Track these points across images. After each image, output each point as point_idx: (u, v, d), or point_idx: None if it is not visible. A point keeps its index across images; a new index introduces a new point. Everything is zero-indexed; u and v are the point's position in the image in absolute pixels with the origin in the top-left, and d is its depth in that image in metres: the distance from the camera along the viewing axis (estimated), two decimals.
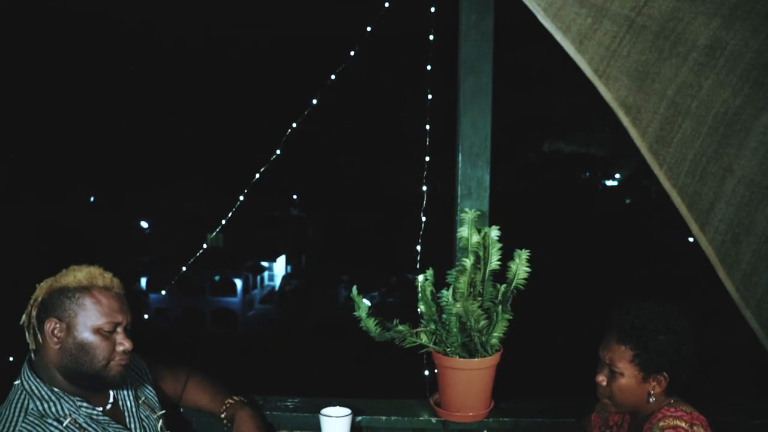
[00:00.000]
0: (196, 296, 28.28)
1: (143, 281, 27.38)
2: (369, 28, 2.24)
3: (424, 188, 2.17)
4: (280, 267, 31.03)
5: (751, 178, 2.32)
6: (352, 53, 2.22)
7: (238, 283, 28.87)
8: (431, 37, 2.25)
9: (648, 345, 1.54)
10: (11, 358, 1.84)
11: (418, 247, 2.15)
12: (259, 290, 30.22)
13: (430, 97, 2.23)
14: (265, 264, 30.56)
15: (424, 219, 2.18)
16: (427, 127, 2.23)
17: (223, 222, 2.25)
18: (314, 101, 2.20)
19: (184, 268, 2.27)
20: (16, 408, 1.52)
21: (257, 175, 2.17)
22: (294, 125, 2.18)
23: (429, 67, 2.24)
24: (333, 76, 2.28)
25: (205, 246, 2.27)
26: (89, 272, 1.61)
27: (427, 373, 2.17)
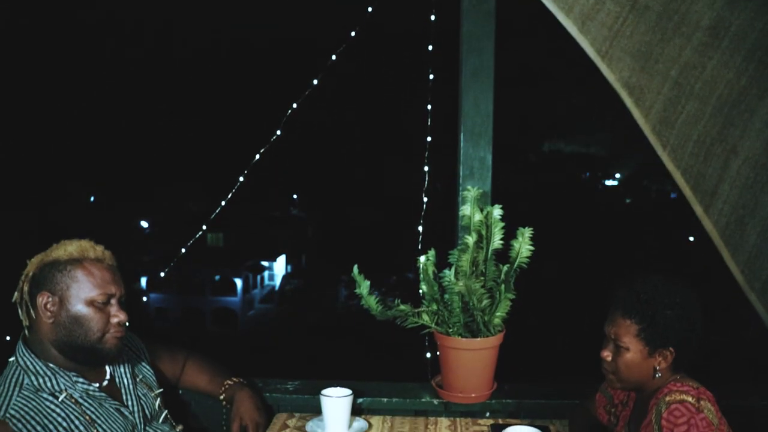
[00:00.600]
0: (196, 296, 28.23)
1: (143, 281, 27.33)
2: (370, 9, 2.22)
3: (426, 168, 2.15)
4: (280, 267, 30.97)
5: (756, 159, 2.30)
6: (352, 33, 2.20)
7: (238, 282, 28.81)
8: (432, 17, 2.23)
9: (654, 319, 1.52)
10: (8, 338, 1.82)
11: (420, 228, 2.12)
12: (260, 290, 30.16)
13: (431, 77, 2.21)
14: (265, 264, 30.51)
15: (426, 200, 2.16)
16: (429, 107, 2.20)
17: (222, 203, 2.23)
18: (315, 81, 2.18)
19: (183, 250, 2.25)
20: (10, 383, 1.50)
21: (257, 156, 2.15)
22: (294, 105, 2.16)
23: (430, 48, 2.22)
24: (334, 57, 2.26)
25: (204, 228, 2.25)
26: (80, 245, 1.59)
27: (429, 355, 2.15)
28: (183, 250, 2.26)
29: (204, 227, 2.25)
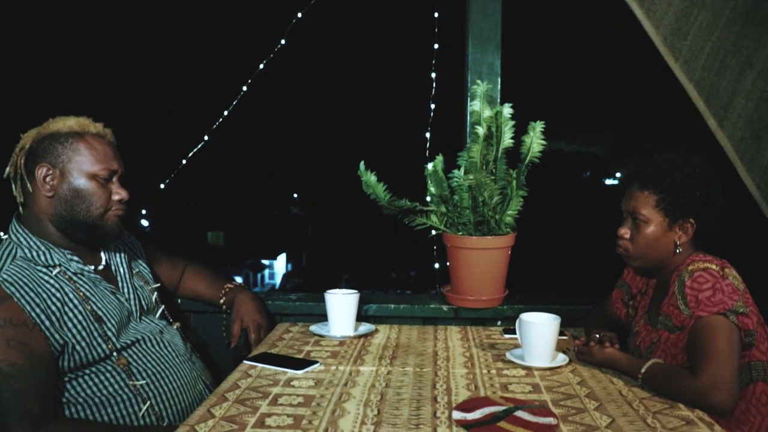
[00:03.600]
0: None
1: None
2: None
3: (433, 75, 2.09)
4: (280, 265, 30.85)
5: None
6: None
7: (239, 281, 28.72)
8: (436, 14, 2.19)
9: (673, 188, 1.45)
10: (2, 234, 1.74)
11: (428, 134, 2.06)
12: (260, 288, 30.06)
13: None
14: (265, 262, 30.38)
15: (433, 106, 2.10)
16: (436, 14, 2.14)
17: (223, 115, 2.17)
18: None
19: (184, 161, 2.19)
20: (2, 254, 1.43)
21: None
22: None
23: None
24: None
25: (207, 138, 2.19)
26: (79, 120, 1.53)
27: (437, 266, 2.08)
28: (184, 161, 2.20)
29: (206, 137, 2.18)
